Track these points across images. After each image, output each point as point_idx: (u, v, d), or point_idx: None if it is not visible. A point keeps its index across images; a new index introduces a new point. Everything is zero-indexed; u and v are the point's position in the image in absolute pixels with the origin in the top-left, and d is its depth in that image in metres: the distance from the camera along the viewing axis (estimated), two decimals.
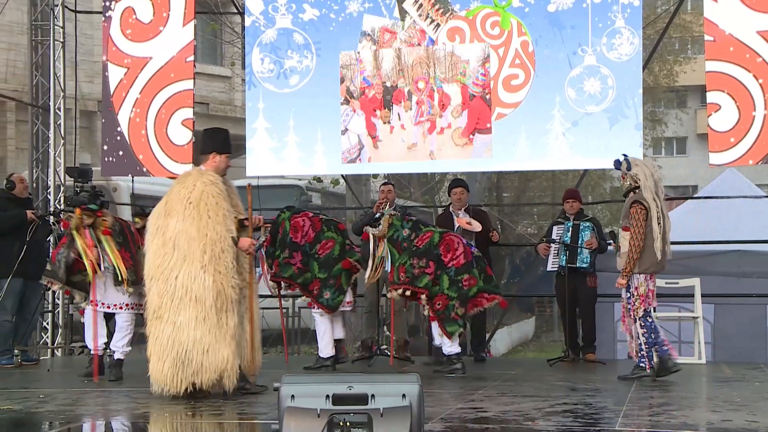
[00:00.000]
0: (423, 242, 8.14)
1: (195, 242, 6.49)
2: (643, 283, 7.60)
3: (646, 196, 7.66)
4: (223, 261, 6.53)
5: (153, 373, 6.59)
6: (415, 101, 9.86)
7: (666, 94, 26.49)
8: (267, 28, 10.23)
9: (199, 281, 6.46)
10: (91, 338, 7.85)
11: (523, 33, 9.70)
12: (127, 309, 7.82)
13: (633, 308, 7.60)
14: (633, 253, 7.55)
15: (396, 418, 4.08)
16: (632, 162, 7.79)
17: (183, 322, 6.47)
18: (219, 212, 6.58)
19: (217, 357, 6.48)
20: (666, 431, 5.30)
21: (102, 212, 7.80)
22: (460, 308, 8.05)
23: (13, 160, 19.13)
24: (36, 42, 11.07)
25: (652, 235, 7.60)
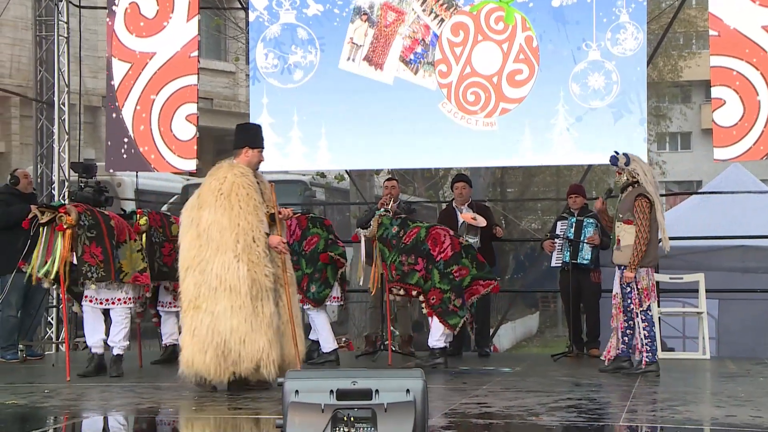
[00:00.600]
0: (410, 238, 8.20)
1: (227, 232, 6.53)
2: (645, 277, 7.60)
3: (649, 189, 7.65)
4: (255, 250, 6.56)
5: (194, 363, 6.53)
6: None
7: (670, 89, 26.44)
8: (271, 23, 10.23)
9: (233, 270, 6.49)
10: (90, 335, 7.77)
11: (528, 28, 9.69)
12: (120, 303, 7.70)
13: (634, 302, 7.58)
14: (641, 245, 7.52)
15: (400, 414, 4.09)
16: (631, 157, 7.79)
17: (220, 311, 6.48)
18: (249, 203, 6.62)
19: (253, 346, 6.48)
20: (670, 426, 5.30)
21: (65, 208, 7.52)
22: (457, 299, 8.05)
23: (17, 155, 19.17)
24: (40, 37, 11.08)
25: (656, 227, 7.62)
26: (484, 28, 9.77)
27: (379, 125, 9.97)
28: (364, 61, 9.96)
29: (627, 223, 7.62)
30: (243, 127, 7.24)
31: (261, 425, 5.73)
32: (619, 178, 7.87)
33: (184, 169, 11.01)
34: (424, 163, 11.97)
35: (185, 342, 6.64)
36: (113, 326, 7.73)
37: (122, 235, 7.75)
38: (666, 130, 28.25)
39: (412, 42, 9.92)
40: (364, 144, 10.08)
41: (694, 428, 5.22)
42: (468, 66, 9.80)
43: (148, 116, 10.27)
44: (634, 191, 7.66)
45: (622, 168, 7.75)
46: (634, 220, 7.56)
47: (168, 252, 8.42)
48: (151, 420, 6.01)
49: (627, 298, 7.63)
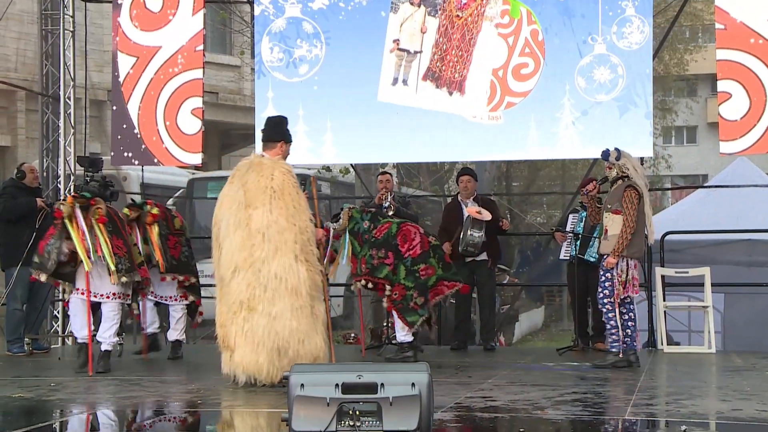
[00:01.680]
0: (381, 233, 8.24)
1: (287, 233, 6.44)
2: (625, 270, 7.67)
3: (639, 183, 7.76)
4: (311, 250, 6.53)
5: (245, 364, 6.45)
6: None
7: (676, 82, 26.39)
8: (276, 17, 10.22)
9: (294, 271, 6.41)
10: (79, 327, 7.67)
11: (533, 22, 9.67)
12: (114, 298, 7.61)
13: (615, 293, 7.67)
14: (626, 234, 7.62)
15: (405, 407, 4.09)
16: (623, 153, 7.90)
17: (278, 312, 6.38)
18: (301, 201, 6.56)
19: (311, 345, 6.45)
20: (675, 420, 5.29)
21: (95, 200, 7.55)
22: (419, 298, 8.05)
23: (23, 149, 19.19)
24: (46, 31, 11.09)
25: (643, 220, 7.71)
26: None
27: (385, 118, 9.96)
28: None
29: (615, 213, 7.72)
30: (277, 120, 7.07)
31: (267, 418, 5.74)
32: (609, 172, 7.97)
33: (190, 163, 11.02)
34: (429, 157, 11.95)
35: (237, 343, 6.49)
36: (104, 321, 7.62)
37: (128, 229, 7.80)
38: (672, 124, 28.20)
39: None
40: (369, 138, 10.07)
41: (699, 422, 5.22)
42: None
43: (154, 110, 10.28)
44: (624, 183, 7.77)
45: (612, 163, 7.89)
46: (623, 209, 7.65)
47: (173, 245, 8.44)
48: (159, 413, 6.02)
49: (603, 288, 7.71)
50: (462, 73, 9.76)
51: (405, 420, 4.08)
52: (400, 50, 9.94)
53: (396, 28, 9.96)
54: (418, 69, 9.89)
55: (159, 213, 8.34)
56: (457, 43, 9.76)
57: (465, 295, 9.57)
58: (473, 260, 9.32)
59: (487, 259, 9.36)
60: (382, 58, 9.93)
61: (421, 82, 9.88)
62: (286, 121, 7.09)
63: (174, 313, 8.70)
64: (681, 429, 4.87)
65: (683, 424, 5.04)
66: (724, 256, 10.74)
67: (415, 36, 9.93)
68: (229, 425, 5.75)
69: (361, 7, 10.02)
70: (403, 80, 9.92)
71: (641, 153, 10.01)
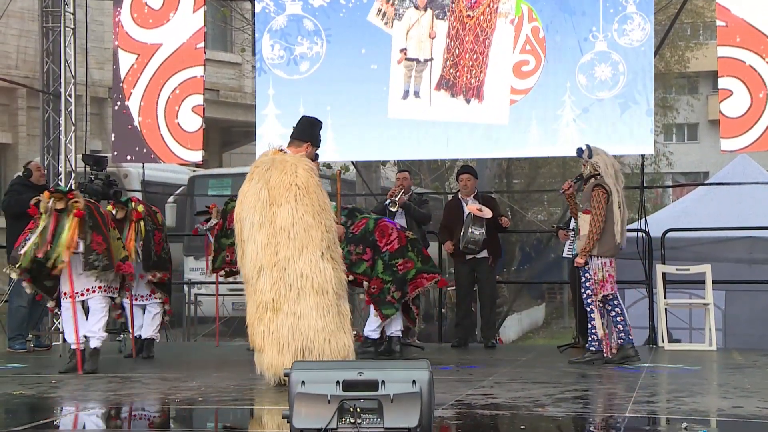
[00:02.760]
0: (359, 229, 8.35)
1: (313, 231, 6.32)
2: (601, 268, 7.74)
3: (608, 181, 7.81)
4: (336, 248, 6.45)
5: (273, 366, 6.31)
6: None
7: (677, 80, 26.36)
8: (277, 14, 10.22)
9: (320, 270, 6.29)
10: (71, 333, 7.43)
11: (534, 19, 9.66)
12: (100, 291, 7.41)
13: (593, 292, 7.73)
14: (594, 234, 7.70)
15: (406, 404, 4.09)
16: (594, 150, 7.95)
17: (303, 311, 6.26)
18: (325, 199, 6.48)
19: (338, 344, 6.30)
20: (677, 418, 5.29)
21: (73, 194, 7.35)
22: (396, 292, 8.21)
23: (24, 146, 19.18)
24: (47, 28, 11.08)
25: (613, 219, 7.76)
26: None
27: (385, 115, 9.95)
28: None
29: (586, 213, 7.81)
30: (312, 122, 6.90)
31: (268, 416, 5.74)
32: (584, 169, 8.02)
33: (191, 161, 11.02)
34: (430, 155, 11.94)
35: (264, 344, 6.38)
36: (91, 315, 7.45)
37: (110, 224, 7.59)
38: (673, 121, 28.15)
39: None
40: (370, 135, 10.07)
41: (700, 419, 5.22)
42: None
43: (154, 107, 10.28)
44: (593, 182, 7.84)
45: (585, 160, 7.94)
46: (591, 210, 7.74)
47: (158, 240, 8.30)
48: (161, 410, 6.02)
49: (586, 288, 7.80)
50: (479, 77, 9.68)
51: (406, 417, 4.08)
52: (408, 60, 9.83)
53: (402, 36, 9.88)
54: (430, 78, 9.78)
55: (144, 210, 8.19)
56: (470, 46, 9.68)
57: (466, 293, 9.58)
58: (473, 258, 9.32)
59: (488, 256, 9.36)
60: (389, 71, 9.85)
61: (435, 92, 9.76)
62: (320, 126, 6.92)
63: (151, 309, 8.48)
64: (682, 426, 4.87)
65: (684, 421, 5.04)
66: (725, 254, 10.74)
67: (423, 43, 9.80)
68: (231, 422, 5.75)
69: (362, 4, 10.01)
70: (415, 92, 9.81)
71: (642, 150, 10.03)
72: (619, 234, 7.74)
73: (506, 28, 9.67)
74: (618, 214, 7.76)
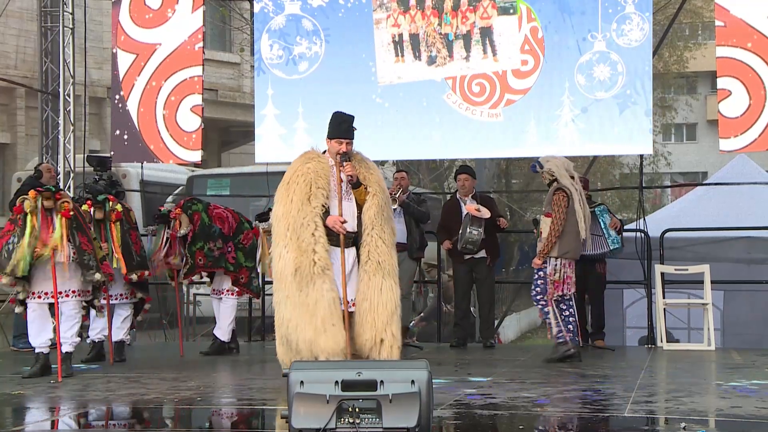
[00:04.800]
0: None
1: (280, 222, 6.28)
2: (559, 269, 7.86)
3: (566, 183, 7.96)
4: (304, 237, 6.19)
5: (279, 355, 6.34)
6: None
7: (676, 80, 26.35)
8: (276, 14, 10.21)
9: (283, 260, 6.20)
10: (36, 334, 7.20)
11: (533, 19, 9.66)
12: (74, 296, 7.17)
13: (542, 290, 7.89)
14: (552, 236, 7.85)
15: (405, 404, 4.10)
16: (543, 161, 8.17)
17: (279, 302, 6.24)
18: (305, 189, 6.27)
19: (303, 336, 6.11)
20: (675, 418, 5.29)
21: (60, 194, 7.15)
22: None
23: (23, 146, 19.17)
24: (46, 28, 11.08)
25: (575, 219, 7.89)
26: None
27: (384, 116, 9.95)
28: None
29: (547, 216, 7.96)
30: (330, 117, 6.75)
31: (267, 416, 5.74)
32: (544, 180, 8.23)
33: (189, 161, 11.01)
34: (428, 155, 11.94)
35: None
36: (64, 321, 7.16)
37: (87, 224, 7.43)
38: (671, 122, 28.16)
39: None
40: (369, 135, 10.03)
41: (699, 419, 5.22)
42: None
43: (153, 107, 10.28)
44: (554, 186, 8.01)
45: (541, 173, 8.17)
46: (552, 212, 7.90)
47: (135, 239, 8.15)
48: (157, 410, 6.02)
49: (535, 286, 7.97)
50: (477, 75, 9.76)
51: (404, 417, 4.09)
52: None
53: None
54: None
55: (122, 210, 7.99)
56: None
57: (464, 293, 9.58)
58: (472, 258, 9.32)
59: (486, 256, 9.36)
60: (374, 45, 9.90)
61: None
62: (334, 118, 6.70)
63: (121, 311, 8.32)
64: (680, 426, 4.88)
65: (683, 421, 5.04)
66: (724, 254, 10.73)
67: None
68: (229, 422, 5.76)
69: (360, 4, 10.01)
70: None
71: (641, 150, 10.03)
72: (582, 232, 7.92)
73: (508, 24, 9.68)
74: (580, 213, 7.93)
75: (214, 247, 8.61)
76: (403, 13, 9.94)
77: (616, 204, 20.96)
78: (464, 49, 9.79)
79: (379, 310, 6.18)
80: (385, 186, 6.55)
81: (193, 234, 8.50)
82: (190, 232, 8.48)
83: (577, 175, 8.18)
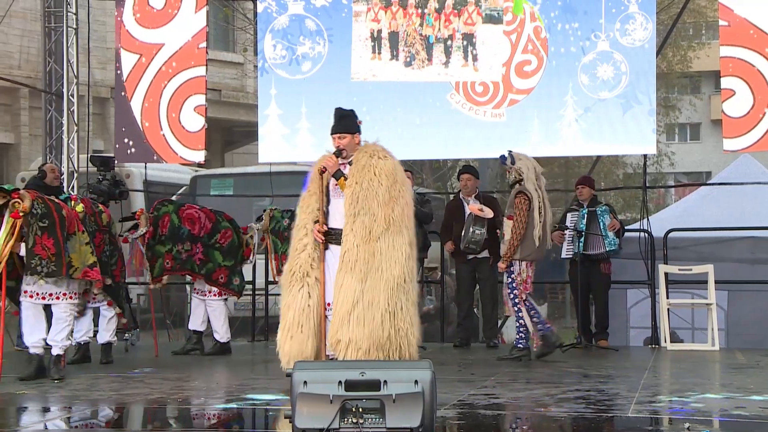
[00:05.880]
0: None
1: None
2: (525, 269, 8.03)
3: (529, 187, 8.06)
4: (296, 241, 6.20)
5: None
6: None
7: (680, 79, 26.31)
8: (279, 14, 10.22)
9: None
10: (29, 333, 7.08)
11: (536, 19, 9.66)
12: (65, 299, 7.02)
13: (517, 292, 8.01)
14: (514, 240, 8.00)
15: (408, 404, 4.09)
16: (516, 156, 8.19)
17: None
18: (306, 193, 6.32)
19: (277, 341, 6.10)
20: (679, 418, 5.29)
21: (18, 193, 6.78)
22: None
23: (26, 146, 19.19)
24: (49, 29, 11.08)
25: (533, 224, 8.02)
26: None
27: (387, 116, 9.95)
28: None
29: (509, 218, 8.10)
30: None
31: (270, 416, 5.74)
32: (509, 176, 8.28)
33: (193, 161, 11.02)
34: (432, 154, 11.94)
35: None
36: (55, 323, 7.05)
37: (71, 226, 7.05)
38: (675, 121, 28.12)
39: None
40: (372, 135, 10.03)
41: (703, 419, 5.21)
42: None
43: (157, 107, 10.28)
44: (516, 189, 8.12)
45: (509, 167, 8.19)
46: (514, 216, 8.02)
47: (98, 243, 7.76)
48: (161, 410, 6.03)
49: (513, 289, 8.06)
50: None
51: (408, 417, 4.08)
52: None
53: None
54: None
55: (85, 209, 7.69)
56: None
57: (467, 293, 9.57)
58: (475, 257, 9.32)
59: (489, 256, 9.35)
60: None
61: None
62: (334, 114, 6.62)
63: (106, 313, 8.15)
64: (684, 426, 4.87)
65: (687, 421, 5.04)
66: (728, 254, 10.70)
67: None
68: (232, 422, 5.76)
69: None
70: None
71: (644, 150, 10.03)
72: (538, 238, 8.03)
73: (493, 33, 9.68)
74: (538, 218, 8.06)
75: (182, 249, 8.59)
76: (384, 9, 9.92)
77: (620, 204, 20.95)
78: (444, 54, 9.78)
79: (336, 309, 5.92)
80: (390, 173, 6.13)
81: (163, 236, 8.50)
82: (148, 233, 8.40)
83: (543, 180, 8.27)
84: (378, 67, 9.92)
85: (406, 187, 6.20)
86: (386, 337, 5.85)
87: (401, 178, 6.18)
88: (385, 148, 6.30)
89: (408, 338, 5.95)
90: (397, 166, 6.22)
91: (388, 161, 6.20)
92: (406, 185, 6.22)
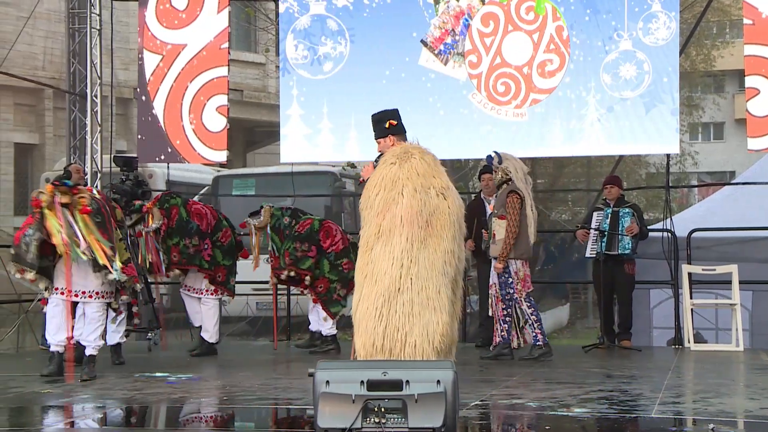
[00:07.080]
0: (304, 228, 8.85)
1: None
2: (521, 268, 8.06)
3: (520, 186, 8.07)
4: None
5: None
6: None
7: (703, 78, 26.13)
8: (301, 14, 10.23)
9: None
10: (55, 331, 7.01)
11: (558, 18, 9.63)
12: (97, 297, 6.93)
13: (516, 291, 8.02)
14: (510, 239, 7.99)
15: (430, 404, 4.09)
16: (503, 156, 8.22)
17: None
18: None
19: None
20: (703, 419, 5.25)
21: (78, 189, 6.85)
22: (342, 290, 8.77)
23: (51, 146, 19.35)
24: (73, 30, 11.16)
25: (526, 222, 8.04)
26: (514, 18, 9.72)
27: (409, 116, 9.92)
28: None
29: (501, 218, 8.08)
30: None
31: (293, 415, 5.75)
32: (495, 176, 8.29)
33: (215, 161, 11.06)
34: (453, 154, 11.90)
35: None
36: (88, 323, 6.96)
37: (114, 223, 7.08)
38: (698, 121, 27.93)
39: (442, 33, 9.88)
40: None
41: (727, 420, 5.18)
42: (498, 56, 9.76)
43: (179, 107, 10.33)
44: (507, 188, 8.09)
45: (496, 167, 8.21)
46: (507, 215, 7.99)
47: (106, 238, 7.36)
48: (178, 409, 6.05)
49: (508, 288, 8.05)
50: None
51: (430, 417, 4.08)
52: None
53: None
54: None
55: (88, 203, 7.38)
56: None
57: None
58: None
59: None
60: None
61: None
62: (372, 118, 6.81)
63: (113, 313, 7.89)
64: (709, 427, 4.84)
65: (711, 422, 5.00)
66: (752, 254, 10.62)
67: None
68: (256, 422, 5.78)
69: (385, 4, 10.01)
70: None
71: (667, 150, 9.97)
72: (532, 236, 8.09)
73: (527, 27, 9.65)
74: (531, 216, 8.09)
75: (190, 243, 8.53)
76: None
77: (643, 204, 20.80)
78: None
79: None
80: (413, 177, 6.51)
81: (171, 229, 8.43)
82: (163, 225, 8.27)
83: (530, 180, 8.32)
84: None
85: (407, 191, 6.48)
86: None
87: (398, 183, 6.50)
88: (394, 149, 6.70)
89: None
90: (396, 170, 6.53)
91: (413, 163, 6.76)
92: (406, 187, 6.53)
